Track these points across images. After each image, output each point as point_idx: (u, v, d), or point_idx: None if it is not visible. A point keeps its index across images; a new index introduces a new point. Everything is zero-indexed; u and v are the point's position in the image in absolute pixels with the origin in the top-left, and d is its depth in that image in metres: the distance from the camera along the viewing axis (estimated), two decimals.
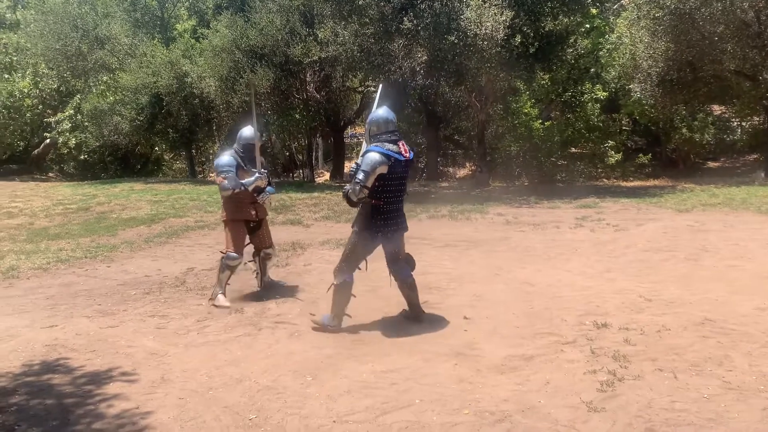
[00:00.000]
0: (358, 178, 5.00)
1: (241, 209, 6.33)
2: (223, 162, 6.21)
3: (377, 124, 5.19)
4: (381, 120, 5.19)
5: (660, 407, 3.64)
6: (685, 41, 15.97)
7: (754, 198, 11.78)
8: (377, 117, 5.22)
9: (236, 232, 6.32)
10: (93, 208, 14.23)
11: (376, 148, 5.07)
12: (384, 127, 5.16)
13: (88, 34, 23.09)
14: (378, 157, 5.01)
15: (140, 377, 4.39)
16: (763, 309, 5.35)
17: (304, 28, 17.99)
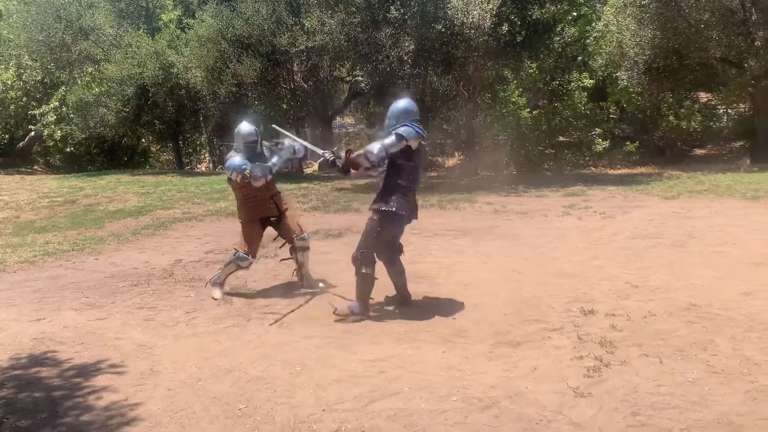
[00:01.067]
0: (387, 142, 4.95)
1: (261, 207, 6.14)
2: (238, 162, 5.93)
3: (400, 114, 5.18)
4: (402, 111, 5.20)
5: (645, 392, 3.69)
6: (671, 29, 16.04)
7: (740, 184, 11.88)
8: (398, 108, 5.21)
9: (251, 233, 6.16)
10: (80, 201, 14.14)
11: (410, 124, 5.06)
12: (405, 118, 5.16)
13: (72, 24, 22.84)
14: (412, 130, 5.03)
15: (129, 369, 4.38)
16: (747, 294, 5.41)
17: (291, 17, 17.88)
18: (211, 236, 9.32)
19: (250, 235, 6.17)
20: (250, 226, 6.18)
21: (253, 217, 6.17)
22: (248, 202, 6.12)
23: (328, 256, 7.76)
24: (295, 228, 6.36)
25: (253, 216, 6.17)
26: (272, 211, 6.25)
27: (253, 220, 6.17)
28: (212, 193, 14.32)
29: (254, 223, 6.18)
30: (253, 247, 6.17)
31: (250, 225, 6.18)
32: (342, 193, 14.03)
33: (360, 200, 12.45)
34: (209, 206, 12.44)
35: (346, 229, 9.29)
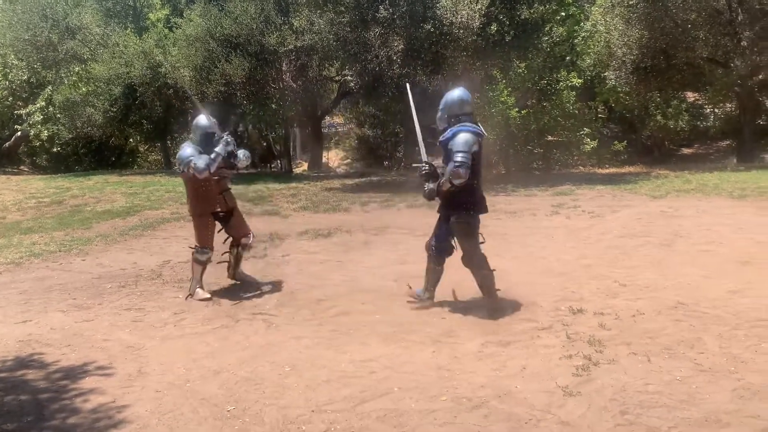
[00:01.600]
0: (459, 159, 4.94)
1: (209, 201, 6.16)
2: (187, 153, 5.97)
3: (455, 105, 5.22)
4: (456, 102, 5.22)
5: (634, 390, 3.70)
6: (658, 29, 16.13)
7: (727, 183, 11.96)
8: (453, 99, 5.24)
9: (204, 226, 6.20)
10: (67, 201, 14.02)
11: (464, 128, 5.08)
12: (460, 109, 5.20)
13: (59, 23, 22.61)
14: (470, 136, 5.04)
15: (116, 371, 4.35)
16: (734, 292, 5.46)
17: (279, 16, 17.80)
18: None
19: (203, 229, 6.21)
20: (201, 219, 6.21)
21: (203, 210, 6.20)
22: (199, 196, 6.14)
23: (318, 256, 7.76)
24: (245, 227, 6.50)
25: (204, 210, 6.19)
26: (222, 206, 6.28)
27: (203, 213, 6.20)
28: None
29: (205, 216, 6.21)
30: (208, 240, 6.20)
31: (201, 218, 6.21)
32: (331, 193, 14.01)
33: (349, 200, 12.44)
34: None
35: (335, 229, 9.27)
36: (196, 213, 6.23)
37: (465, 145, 5.00)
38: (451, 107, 5.24)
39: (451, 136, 5.12)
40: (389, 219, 10.20)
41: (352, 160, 29.58)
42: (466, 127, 5.10)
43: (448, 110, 5.26)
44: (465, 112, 5.23)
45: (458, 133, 5.06)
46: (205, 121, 6.20)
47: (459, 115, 5.21)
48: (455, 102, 5.24)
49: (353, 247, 8.21)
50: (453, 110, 5.23)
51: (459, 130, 5.08)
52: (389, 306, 5.58)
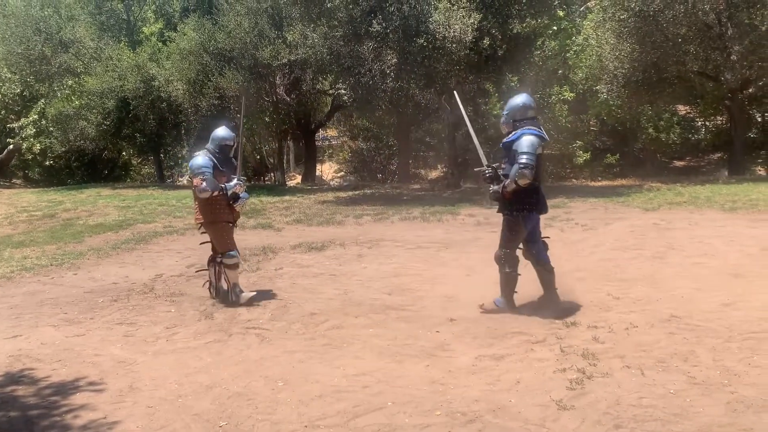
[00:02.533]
0: (524, 161, 5.12)
1: (220, 211, 6.17)
2: (199, 163, 6.02)
3: (518, 109, 5.42)
4: (519, 106, 5.43)
5: (628, 404, 3.70)
6: (649, 43, 16.25)
7: (718, 196, 12.02)
8: (517, 104, 5.45)
9: (223, 231, 6.20)
10: (59, 215, 13.96)
11: (528, 131, 5.27)
12: (523, 113, 5.40)
13: (52, 37, 22.61)
14: (535, 138, 5.23)
15: (108, 386, 4.31)
16: (727, 305, 5.47)
17: (273, 30, 17.89)
18: (193, 250, 9.22)
19: (223, 234, 6.21)
20: (217, 225, 6.19)
21: (216, 218, 6.18)
22: (208, 205, 6.11)
23: (311, 269, 7.73)
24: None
25: (217, 216, 6.17)
26: (229, 218, 6.29)
27: (217, 220, 6.18)
28: None
29: (220, 222, 6.20)
30: (231, 243, 6.21)
31: (218, 224, 6.19)
32: (325, 206, 14.00)
33: (343, 213, 12.44)
34: (191, 220, 12.30)
35: (329, 242, 9.26)
36: (210, 221, 6.17)
37: (530, 146, 5.19)
38: (515, 112, 5.44)
39: (515, 138, 5.31)
40: (383, 232, 10.20)
41: (345, 172, 29.62)
42: (530, 130, 5.30)
43: (512, 115, 5.46)
44: (528, 117, 5.41)
45: (523, 136, 5.26)
46: (226, 132, 6.25)
47: (522, 120, 5.40)
48: (518, 107, 5.44)
49: (347, 260, 8.20)
50: (516, 115, 5.43)
51: (524, 133, 5.28)
52: (383, 320, 5.56)
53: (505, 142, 5.46)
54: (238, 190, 6.19)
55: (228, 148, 6.29)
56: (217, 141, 6.24)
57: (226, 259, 6.15)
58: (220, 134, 6.26)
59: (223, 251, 6.18)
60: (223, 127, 6.35)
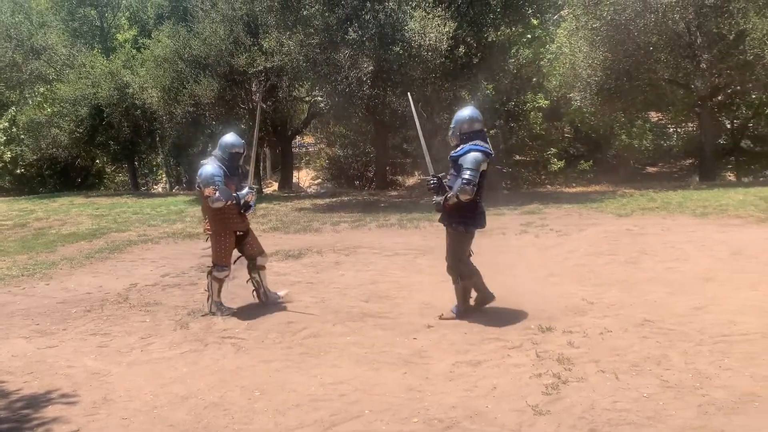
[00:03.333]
0: (467, 176, 5.25)
1: (231, 220, 6.07)
2: (210, 172, 5.82)
3: (465, 122, 5.50)
4: (466, 119, 5.50)
5: (602, 408, 3.74)
6: (621, 51, 16.53)
7: (690, 201, 12.23)
8: (464, 117, 5.52)
9: (224, 244, 6.09)
10: (30, 224, 13.73)
11: (475, 146, 5.36)
12: (470, 126, 5.48)
13: (23, 44, 22.34)
14: (480, 155, 5.34)
15: (81, 398, 4.25)
16: (698, 308, 5.56)
17: (249, 37, 17.84)
18: (168, 259, 9.14)
19: (223, 246, 6.09)
20: (221, 237, 6.08)
21: (225, 228, 6.07)
22: (218, 214, 5.98)
23: (288, 277, 7.70)
24: (257, 245, 6.41)
25: (226, 227, 6.07)
26: (240, 226, 6.19)
27: (225, 231, 6.07)
28: (169, 215, 14.08)
29: (226, 234, 6.09)
30: (227, 257, 6.12)
31: (221, 236, 6.08)
32: (302, 213, 13.97)
33: (320, 220, 12.42)
34: (165, 228, 12.23)
35: (306, 250, 9.24)
36: (216, 230, 6.07)
37: (474, 163, 5.31)
38: (461, 125, 5.53)
39: (463, 153, 5.42)
40: (360, 239, 10.19)
41: (322, 180, 29.57)
42: (477, 146, 5.39)
43: (459, 128, 5.55)
44: (474, 130, 5.50)
45: (470, 152, 5.37)
46: (235, 139, 6.10)
47: (469, 133, 5.49)
48: (465, 120, 5.52)
49: (324, 267, 8.19)
50: (463, 128, 5.52)
51: (471, 149, 5.38)
52: (360, 327, 5.56)
53: (452, 155, 5.56)
54: (250, 198, 6.09)
55: (237, 156, 6.11)
56: (226, 148, 6.05)
57: (216, 272, 6.07)
58: (229, 141, 6.07)
59: (216, 263, 6.08)
60: (231, 134, 6.17)
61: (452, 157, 5.57)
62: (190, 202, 16.96)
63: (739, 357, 4.39)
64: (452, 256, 5.68)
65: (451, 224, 5.60)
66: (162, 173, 31.34)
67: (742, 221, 9.99)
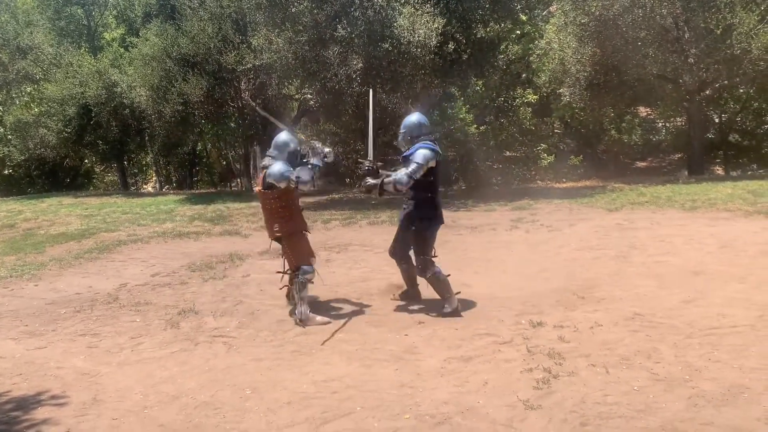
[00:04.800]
0: (411, 170, 5.47)
1: (301, 218, 5.99)
2: (281, 168, 5.60)
3: (414, 127, 5.78)
4: (416, 124, 5.79)
5: (593, 401, 3.76)
6: (610, 46, 16.58)
7: (679, 196, 12.30)
8: (413, 122, 5.80)
9: (305, 243, 5.93)
10: (19, 225, 13.63)
11: (424, 145, 5.62)
12: (419, 131, 5.76)
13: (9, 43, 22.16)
14: (429, 152, 5.57)
15: (71, 399, 4.23)
16: (688, 302, 5.60)
17: (237, 35, 17.75)
18: (158, 259, 9.10)
19: (304, 246, 5.92)
20: (300, 236, 5.93)
21: (299, 227, 5.95)
22: (289, 212, 5.86)
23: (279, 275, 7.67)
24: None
25: (298, 227, 5.94)
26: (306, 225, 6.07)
27: (297, 230, 5.93)
28: (158, 214, 14.01)
29: (299, 234, 5.93)
30: (309, 253, 5.91)
31: (300, 235, 5.93)
32: None
33: (311, 218, 12.39)
34: (155, 228, 12.17)
35: None
36: (291, 231, 5.86)
37: (422, 158, 5.53)
38: (411, 130, 5.79)
39: (413, 151, 5.63)
40: (351, 236, 10.19)
41: None
42: (426, 144, 5.64)
43: (409, 132, 5.80)
44: (423, 133, 5.76)
45: (420, 149, 5.60)
46: (290, 137, 5.95)
47: (418, 136, 5.74)
48: (414, 125, 5.79)
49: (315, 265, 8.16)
50: (413, 132, 5.78)
51: (420, 146, 5.63)
52: (351, 324, 5.55)
53: (404, 155, 5.75)
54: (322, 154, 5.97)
55: (295, 154, 5.90)
56: (283, 147, 5.86)
57: (303, 274, 5.75)
58: (284, 139, 5.90)
59: (300, 264, 5.79)
60: (284, 132, 6.01)
61: (404, 156, 5.76)
62: (180, 202, 16.89)
63: (728, 349, 4.43)
64: (418, 252, 5.80)
65: (414, 222, 5.78)
66: (152, 172, 31.19)
67: (730, 215, 10.06)
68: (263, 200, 5.96)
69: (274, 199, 5.80)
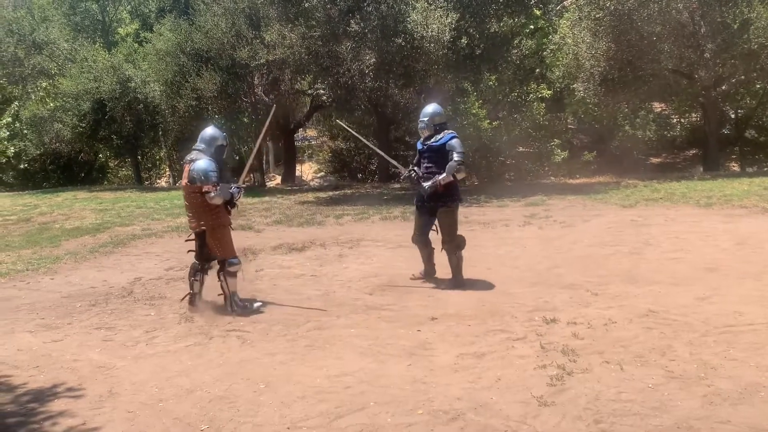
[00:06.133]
0: (460, 158, 6.20)
1: (223, 214, 6.01)
2: (205, 167, 5.74)
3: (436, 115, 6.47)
4: (439, 112, 6.50)
5: (607, 399, 3.74)
6: (624, 41, 16.45)
7: (693, 192, 12.20)
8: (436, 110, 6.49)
9: (227, 236, 6.01)
10: (34, 219, 13.77)
11: (454, 134, 6.39)
12: (441, 118, 6.50)
13: (25, 38, 22.35)
14: (459, 140, 6.34)
15: (87, 392, 4.26)
16: (703, 299, 5.56)
17: (251, 30, 17.79)
18: (172, 253, 9.16)
19: (229, 239, 6.02)
20: (225, 229, 6.01)
21: (225, 221, 6.00)
22: (216, 208, 5.89)
23: (292, 270, 7.71)
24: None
25: (225, 220, 6.00)
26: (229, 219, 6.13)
27: (225, 224, 6.00)
28: (172, 209, 14.10)
29: (226, 227, 6.02)
30: (233, 249, 6.04)
31: (225, 229, 6.01)
32: (305, 206, 13.97)
33: (323, 213, 12.42)
34: (169, 222, 12.24)
35: (309, 243, 9.25)
36: (220, 224, 5.95)
37: (461, 146, 6.30)
38: (434, 117, 6.47)
39: (446, 140, 6.33)
40: (363, 232, 10.20)
41: (325, 173, 29.53)
42: (454, 133, 6.42)
43: (432, 120, 6.46)
44: (444, 121, 6.53)
45: (453, 138, 6.33)
46: (216, 132, 6.09)
47: (441, 123, 6.48)
48: (437, 113, 6.50)
49: (328, 260, 8.20)
50: (435, 119, 6.47)
51: (453, 136, 6.36)
52: (364, 320, 5.57)
53: (432, 144, 6.42)
54: (238, 197, 6.02)
55: (222, 149, 6.07)
56: (211, 142, 5.99)
57: (230, 267, 5.94)
58: (212, 134, 6.03)
59: (226, 257, 5.96)
60: (211, 126, 6.14)
61: (432, 145, 6.41)
62: None
63: (744, 347, 4.39)
64: (450, 232, 6.43)
65: (446, 203, 6.36)
66: (165, 167, 31.37)
67: (746, 211, 9.97)
68: (187, 193, 5.99)
69: (198, 193, 5.83)
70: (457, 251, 6.47)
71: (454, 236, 6.45)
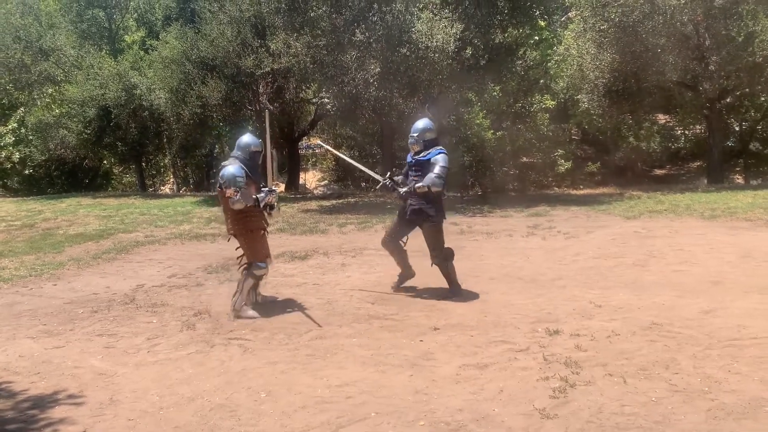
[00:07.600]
0: (440, 173, 6.25)
1: (256, 219, 6.13)
2: (232, 172, 5.87)
3: (427, 131, 6.52)
4: (429, 128, 6.53)
5: (610, 412, 3.72)
6: (629, 53, 16.48)
7: (698, 204, 12.18)
8: (426, 126, 6.53)
9: (258, 241, 6.13)
10: (38, 225, 13.79)
11: (442, 149, 6.45)
12: (431, 134, 6.54)
13: (32, 45, 22.44)
14: (447, 156, 6.41)
15: (88, 399, 4.25)
16: (707, 312, 5.53)
17: (256, 39, 17.84)
18: (174, 260, 9.16)
19: (257, 243, 6.13)
20: (253, 234, 6.12)
21: (254, 225, 6.11)
22: (241, 213, 6.00)
23: (294, 278, 7.70)
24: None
25: (255, 224, 6.12)
26: (263, 226, 6.23)
27: (255, 227, 6.12)
28: (176, 216, 14.12)
29: (257, 230, 6.14)
30: (265, 253, 6.16)
31: (253, 233, 6.12)
32: (308, 214, 13.97)
33: (326, 222, 12.42)
34: (172, 229, 12.26)
35: (312, 251, 9.24)
36: (248, 228, 6.08)
37: (447, 161, 6.37)
38: (424, 133, 6.52)
39: (434, 155, 6.37)
40: (367, 240, 10.18)
41: (329, 181, 29.57)
42: (443, 150, 6.46)
43: (422, 135, 6.51)
44: (434, 137, 6.60)
45: (440, 153, 6.39)
46: (252, 139, 6.22)
47: (431, 139, 6.53)
48: (428, 128, 6.55)
49: (330, 269, 8.19)
50: (425, 135, 6.53)
51: (440, 152, 6.42)
52: (366, 329, 5.55)
53: (419, 158, 6.46)
54: (271, 200, 6.11)
55: (257, 155, 6.21)
56: (245, 148, 6.15)
57: (255, 269, 6.08)
58: (247, 141, 6.19)
59: (253, 260, 6.09)
60: (248, 134, 6.30)
61: (420, 160, 6.46)
62: (197, 203, 17.00)
63: (749, 361, 4.36)
64: (437, 246, 6.51)
65: (429, 219, 6.42)
66: (169, 174, 31.43)
67: (750, 224, 9.94)
68: (222, 198, 6.13)
69: (225, 198, 5.98)
70: (446, 263, 6.55)
71: (441, 249, 6.53)
